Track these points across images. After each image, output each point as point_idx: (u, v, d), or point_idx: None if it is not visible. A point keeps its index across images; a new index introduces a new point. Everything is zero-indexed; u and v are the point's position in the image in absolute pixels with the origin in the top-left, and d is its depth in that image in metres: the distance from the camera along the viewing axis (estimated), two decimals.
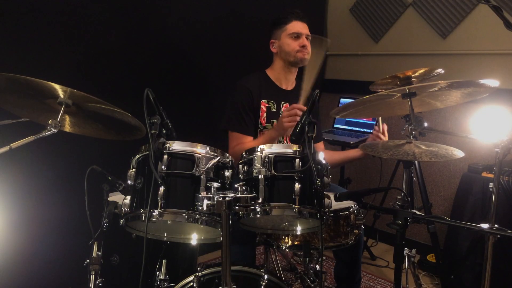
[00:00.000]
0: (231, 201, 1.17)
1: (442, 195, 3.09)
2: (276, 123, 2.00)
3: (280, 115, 2.18)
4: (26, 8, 2.01)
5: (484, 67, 2.82)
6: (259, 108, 2.14)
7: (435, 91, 1.54)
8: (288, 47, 2.13)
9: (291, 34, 2.12)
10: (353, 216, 1.72)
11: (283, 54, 2.16)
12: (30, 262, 2.09)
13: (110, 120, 1.47)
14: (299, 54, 2.12)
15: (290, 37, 2.12)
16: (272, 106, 2.18)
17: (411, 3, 3.13)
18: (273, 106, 2.18)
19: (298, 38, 2.12)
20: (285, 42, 2.14)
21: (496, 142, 1.51)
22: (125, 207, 1.30)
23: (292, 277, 2.61)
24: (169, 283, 1.57)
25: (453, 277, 2.50)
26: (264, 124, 2.15)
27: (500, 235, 1.37)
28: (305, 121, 1.36)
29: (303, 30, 2.13)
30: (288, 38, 2.13)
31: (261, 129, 2.15)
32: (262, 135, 2.12)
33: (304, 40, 2.12)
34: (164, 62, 2.60)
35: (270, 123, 2.16)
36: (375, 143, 1.74)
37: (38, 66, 2.05)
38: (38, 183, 2.07)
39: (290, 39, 2.12)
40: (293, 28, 2.12)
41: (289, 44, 2.13)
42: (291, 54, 2.13)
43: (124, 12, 2.38)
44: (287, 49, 2.13)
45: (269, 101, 2.17)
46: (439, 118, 3.04)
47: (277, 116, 2.18)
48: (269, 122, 2.16)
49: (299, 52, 2.12)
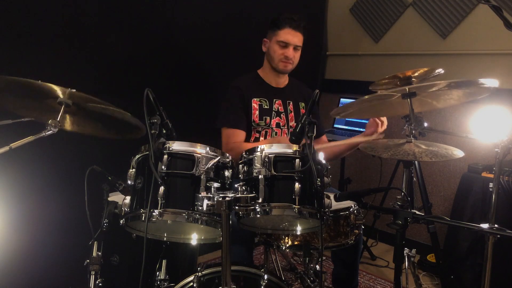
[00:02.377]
0: (231, 201, 1.17)
1: (442, 195, 3.09)
2: None
3: (276, 112, 2.21)
4: (27, 9, 2.01)
5: (484, 67, 2.82)
6: (250, 106, 2.16)
7: (435, 91, 1.54)
8: (273, 53, 2.15)
9: (279, 41, 2.12)
10: (353, 216, 1.72)
11: (268, 57, 2.20)
12: (30, 262, 2.09)
13: (110, 119, 1.47)
14: (281, 64, 2.15)
15: (278, 44, 2.13)
16: (264, 103, 2.20)
17: (411, 3, 3.13)
18: (265, 104, 2.20)
19: (285, 47, 2.13)
20: (272, 47, 2.16)
21: (496, 142, 1.51)
22: (125, 207, 1.30)
23: (292, 277, 2.61)
24: (169, 283, 1.57)
25: (453, 277, 2.50)
26: (257, 122, 2.17)
27: (500, 235, 1.37)
28: (305, 121, 1.36)
29: (293, 40, 2.12)
30: (276, 44, 2.14)
31: (254, 126, 2.17)
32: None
33: (290, 51, 2.12)
34: (164, 62, 2.60)
35: (262, 120, 2.18)
36: (374, 143, 1.74)
37: (39, 66, 2.05)
38: (38, 183, 2.07)
39: (277, 46, 2.13)
40: (283, 36, 2.12)
41: (275, 51, 2.14)
42: (274, 61, 2.16)
43: (124, 13, 2.37)
44: (272, 54, 2.16)
45: (261, 99, 2.19)
46: (439, 118, 3.04)
47: (270, 112, 2.20)
48: (262, 119, 2.18)
49: (281, 62, 2.15)
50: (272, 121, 2.20)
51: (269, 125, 2.19)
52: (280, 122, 2.22)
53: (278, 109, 2.22)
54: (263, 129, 2.19)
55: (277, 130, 2.22)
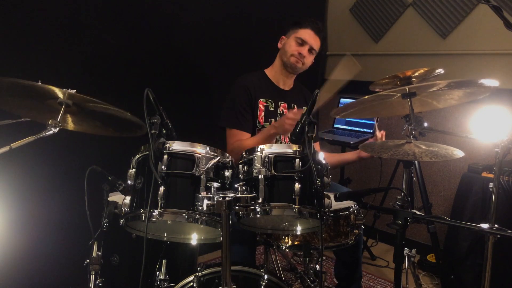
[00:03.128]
0: (231, 201, 1.17)
1: (442, 195, 3.09)
2: (277, 121, 2.01)
3: (280, 115, 2.19)
4: (27, 9, 2.01)
5: (484, 67, 2.82)
6: (257, 106, 2.15)
7: (435, 91, 1.54)
8: (288, 47, 2.17)
9: (298, 38, 2.15)
10: (353, 216, 1.72)
11: (282, 51, 2.21)
12: (30, 262, 2.09)
13: (110, 118, 1.47)
14: (292, 58, 2.16)
15: (295, 41, 2.16)
16: (270, 105, 2.19)
17: (411, 3, 3.13)
18: (271, 105, 2.20)
19: (301, 45, 2.15)
20: (288, 42, 2.19)
21: (496, 142, 1.51)
22: (125, 207, 1.30)
23: (292, 277, 2.61)
24: (169, 283, 1.57)
25: (453, 277, 2.50)
26: (262, 123, 2.16)
27: (500, 235, 1.37)
28: (305, 121, 1.36)
29: (310, 41, 2.15)
30: (293, 40, 2.16)
31: (259, 127, 2.16)
32: (260, 132, 2.13)
33: (305, 50, 2.15)
34: (164, 62, 2.60)
35: (268, 122, 2.17)
36: (373, 143, 1.74)
37: (39, 67, 2.05)
38: (38, 183, 2.07)
39: (294, 42, 2.16)
40: (303, 34, 2.15)
41: (291, 46, 2.17)
42: (287, 55, 2.17)
43: (124, 12, 2.37)
44: (287, 48, 2.18)
45: (267, 100, 2.19)
46: (439, 118, 3.04)
47: (275, 115, 2.19)
48: (267, 121, 2.17)
49: (293, 56, 2.15)
50: None
51: None
52: None
53: (283, 112, 2.22)
54: None
55: None
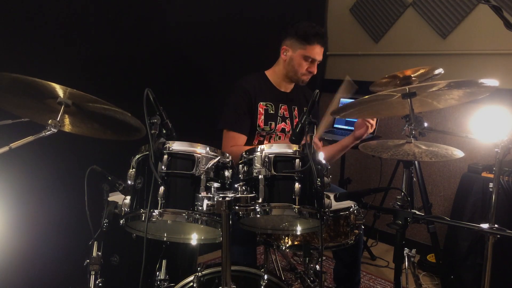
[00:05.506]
0: (231, 201, 1.17)
1: (442, 195, 3.09)
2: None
3: (281, 117, 2.19)
4: (27, 8, 2.01)
5: (484, 67, 2.82)
6: (256, 110, 2.14)
7: (435, 91, 1.54)
8: (298, 66, 2.12)
9: (307, 57, 2.10)
10: (353, 216, 1.72)
11: (289, 67, 2.15)
12: (30, 262, 2.09)
13: (109, 120, 1.47)
14: (304, 77, 2.15)
15: (305, 59, 2.10)
16: (270, 108, 2.18)
17: (411, 3, 3.13)
18: (271, 108, 2.18)
19: (311, 62, 2.12)
20: (297, 60, 2.12)
21: (496, 142, 1.51)
22: (125, 207, 1.29)
23: (292, 277, 2.60)
24: (169, 283, 1.57)
25: (453, 277, 2.50)
26: (262, 126, 2.15)
27: (500, 235, 1.37)
28: (305, 121, 1.36)
29: (318, 57, 2.12)
30: (302, 58, 2.10)
31: (259, 131, 2.15)
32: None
33: (315, 67, 2.14)
34: (164, 62, 2.59)
35: (267, 125, 2.16)
36: (374, 143, 1.74)
37: (39, 66, 2.05)
38: (38, 183, 2.07)
39: (303, 60, 2.11)
40: (312, 52, 2.09)
41: (300, 64, 2.12)
42: (297, 74, 2.14)
43: (124, 12, 2.37)
44: (296, 67, 2.13)
45: (267, 103, 2.17)
46: (439, 118, 3.04)
47: (275, 118, 2.18)
48: (267, 124, 2.16)
49: (305, 75, 2.15)
50: (277, 127, 2.19)
51: (274, 130, 2.18)
52: (285, 128, 2.21)
53: (284, 114, 2.21)
54: (268, 133, 2.18)
55: (281, 134, 2.21)
